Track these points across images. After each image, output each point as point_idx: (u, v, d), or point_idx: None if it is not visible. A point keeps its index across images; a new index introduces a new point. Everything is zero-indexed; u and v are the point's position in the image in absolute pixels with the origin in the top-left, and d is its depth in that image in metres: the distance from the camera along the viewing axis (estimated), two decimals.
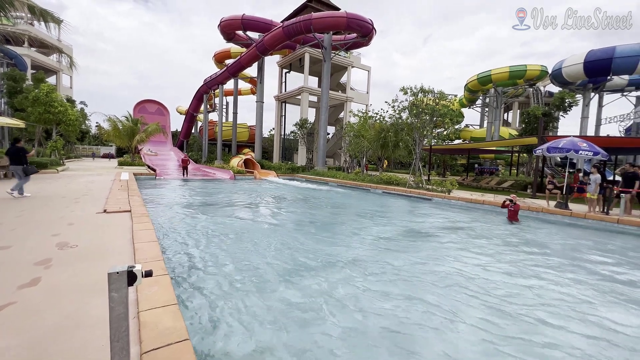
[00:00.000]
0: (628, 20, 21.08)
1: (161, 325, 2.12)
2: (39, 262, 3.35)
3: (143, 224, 5.05)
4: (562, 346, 2.74)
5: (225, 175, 19.70)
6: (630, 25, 21.14)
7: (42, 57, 35.74)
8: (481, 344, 2.71)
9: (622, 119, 30.52)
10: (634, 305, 3.65)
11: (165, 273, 3.02)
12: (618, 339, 2.90)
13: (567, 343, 2.79)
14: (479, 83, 34.58)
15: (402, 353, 2.55)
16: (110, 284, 1.44)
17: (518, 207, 8.58)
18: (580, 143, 9.39)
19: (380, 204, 11.42)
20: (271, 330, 2.78)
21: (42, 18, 9.25)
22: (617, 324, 3.17)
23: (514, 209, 8.49)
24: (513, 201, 8.54)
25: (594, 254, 5.76)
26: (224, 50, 39.81)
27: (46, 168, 14.89)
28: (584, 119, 25.29)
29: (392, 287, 3.85)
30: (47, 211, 6.06)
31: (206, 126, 37.21)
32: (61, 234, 4.49)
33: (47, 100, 19.47)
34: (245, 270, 4.22)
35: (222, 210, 8.75)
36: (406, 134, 16.32)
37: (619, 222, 8.16)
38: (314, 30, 21.17)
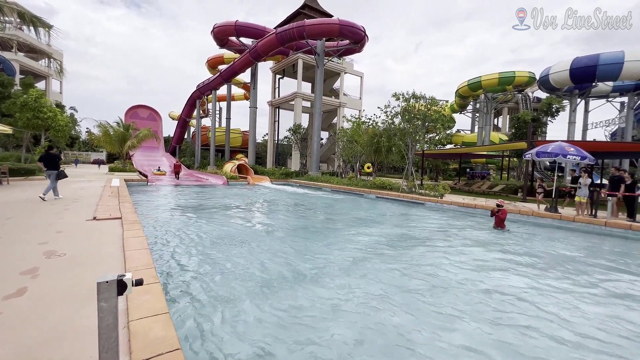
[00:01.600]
0: (628, 20, 21.01)
1: (152, 334, 2.08)
2: (25, 272, 3.27)
3: (134, 231, 4.98)
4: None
5: (219, 181, 19.57)
6: (630, 25, 21.06)
7: (31, 62, 35.25)
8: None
9: (608, 124, 31.38)
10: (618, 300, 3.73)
11: (157, 281, 2.97)
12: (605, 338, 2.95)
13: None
14: (470, 89, 35.18)
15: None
16: (99, 293, 1.41)
17: (505, 213, 8.06)
18: (568, 148, 9.62)
19: (374, 209, 11.45)
20: (264, 338, 2.75)
21: (32, 24, 9.14)
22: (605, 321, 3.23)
23: (500, 216, 8.01)
24: (501, 205, 8.07)
25: (584, 257, 5.86)
26: (218, 56, 39.83)
27: (34, 175, 14.58)
28: (571, 124, 25.88)
29: (382, 292, 3.85)
30: (34, 218, 5.93)
31: (199, 131, 37.01)
32: (49, 242, 4.39)
33: (36, 106, 19.13)
34: (239, 277, 4.18)
35: (215, 217, 8.67)
36: (399, 139, 16.48)
37: (606, 225, 8.33)
38: (307, 37, 21.38)
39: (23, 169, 14.31)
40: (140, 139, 27.12)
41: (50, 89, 38.95)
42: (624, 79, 21.93)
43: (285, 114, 33.69)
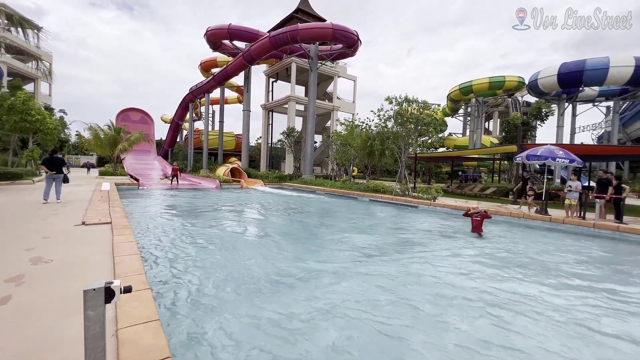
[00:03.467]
0: (628, 20, 21.09)
1: (142, 342, 2.03)
2: (9, 279, 3.17)
3: (124, 236, 4.88)
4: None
5: (212, 184, 19.39)
6: (630, 25, 21.11)
7: (19, 64, 34.59)
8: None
9: (595, 127, 32.16)
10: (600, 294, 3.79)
11: (147, 287, 2.91)
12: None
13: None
14: (461, 93, 35.75)
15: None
16: (86, 301, 1.37)
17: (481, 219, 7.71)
18: (557, 151, 9.82)
19: (368, 212, 11.48)
20: (257, 344, 2.71)
21: (20, 25, 8.99)
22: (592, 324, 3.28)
23: (480, 220, 7.72)
24: (481, 212, 7.76)
25: (574, 257, 5.96)
26: (211, 59, 39.70)
27: (21, 179, 14.24)
28: (559, 128, 26.44)
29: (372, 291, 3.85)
30: (20, 224, 5.78)
31: (192, 135, 36.75)
32: (35, 248, 4.28)
33: (24, 109, 18.74)
34: (232, 282, 4.13)
35: (208, 221, 8.57)
36: (392, 142, 16.59)
37: (594, 227, 8.50)
38: (300, 41, 21.47)
39: (10, 173, 13.96)
40: (132, 142, 26.81)
41: (39, 91, 38.22)
42: (610, 84, 22.52)
43: (278, 117, 33.67)
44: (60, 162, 8.98)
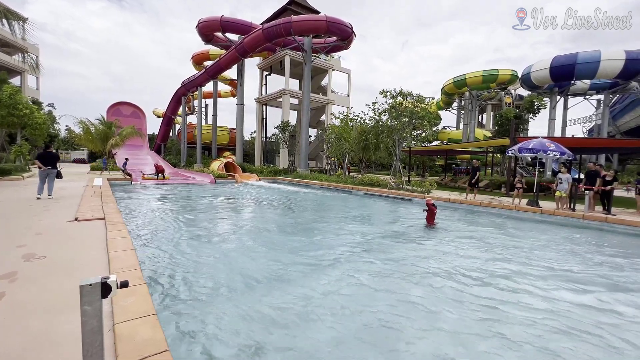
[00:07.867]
0: (628, 20, 21.24)
1: (139, 337, 2.05)
2: (2, 276, 3.14)
3: (118, 231, 4.86)
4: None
5: (206, 179, 19.27)
6: (630, 25, 21.24)
7: (5, 56, 33.59)
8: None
9: (585, 120, 32.63)
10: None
11: (143, 282, 2.92)
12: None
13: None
14: (455, 86, 35.87)
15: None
16: (82, 296, 1.38)
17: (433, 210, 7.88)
18: (548, 144, 9.96)
19: (363, 205, 11.55)
20: (252, 337, 2.75)
21: (4, 17, 8.71)
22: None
23: (431, 213, 7.85)
24: (432, 205, 7.87)
25: (565, 247, 6.11)
26: (203, 52, 39.00)
27: (10, 175, 13.96)
28: (551, 121, 26.75)
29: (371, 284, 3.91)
30: (11, 221, 5.69)
31: (184, 129, 36.28)
32: (28, 244, 4.23)
33: (11, 103, 18.26)
34: (228, 275, 4.15)
35: (202, 215, 8.54)
36: (386, 136, 16.62)
37: (584, 218, 8.69)
38: (294, 33, 21.20)
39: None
40: (124, 137, 26.35)
41: (26, 85, 37.22)
42: (600, 77, 22.81)
43: (273, 111, 33.39)
44: (55, 158, 8.90)
